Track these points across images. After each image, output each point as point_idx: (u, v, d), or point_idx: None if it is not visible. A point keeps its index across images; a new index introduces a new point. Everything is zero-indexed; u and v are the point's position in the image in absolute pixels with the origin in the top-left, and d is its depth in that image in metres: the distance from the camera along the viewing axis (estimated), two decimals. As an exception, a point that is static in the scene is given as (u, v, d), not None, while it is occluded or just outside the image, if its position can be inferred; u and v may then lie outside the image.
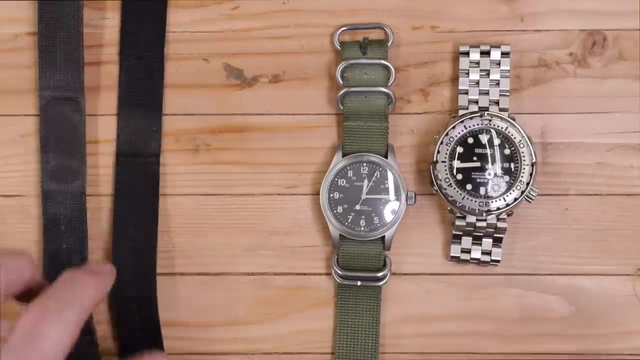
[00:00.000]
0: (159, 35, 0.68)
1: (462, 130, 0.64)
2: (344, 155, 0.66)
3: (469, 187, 0.64)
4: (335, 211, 0.66)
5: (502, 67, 0.66)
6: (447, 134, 0.64)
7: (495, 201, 0.64)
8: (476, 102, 0.66)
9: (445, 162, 0.64)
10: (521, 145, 0.64)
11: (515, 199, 0.64)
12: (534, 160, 0.64)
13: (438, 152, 0.64)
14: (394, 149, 0.67)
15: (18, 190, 0.68)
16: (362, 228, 0.66)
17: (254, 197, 0.68)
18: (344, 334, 0.67)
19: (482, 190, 0.64)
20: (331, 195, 0.66)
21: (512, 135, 0.64)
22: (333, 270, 0.67)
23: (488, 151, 0.64)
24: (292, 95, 0.68)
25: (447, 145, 0.64)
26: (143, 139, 0.68)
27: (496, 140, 0.64)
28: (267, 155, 0.68)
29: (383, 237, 0.66)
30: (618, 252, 0.67)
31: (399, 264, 0.68)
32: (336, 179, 0.66)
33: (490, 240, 0.66)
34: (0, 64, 0.68)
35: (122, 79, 0.68)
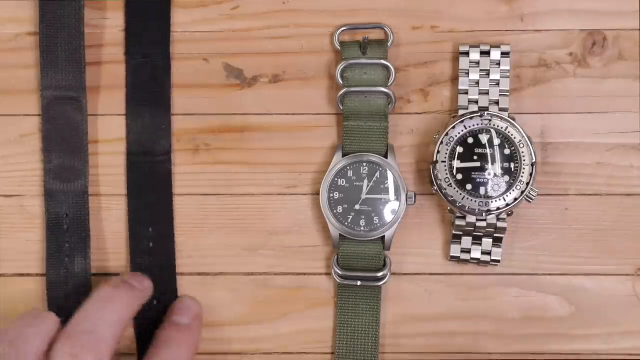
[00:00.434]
0: (164, 33, 0.68)
1: (462, 130, 0.64)
2: (344, 155, 0.66)
3: (469, 187, 0.64)
4: (335, 211, 0.66)
5: (502, 67, 0.66)
6: (447, 134, 0.64)
7: (495, 201, 0.64)
8: (476, 102, 0.66)
9: (445, 162, 0.64)
10: (521, 145, 0.64)
11: (515, 199, 0.64)
12: (534, 160, 0.64)
13: (438, 152, 0.64)
14: (394, 149, 0.67)
15: (18, 190, 0.68)
16: (362, 228, 0.66)
17: (254, 197, 0.68)
18: (344, 334, 0.67)
19: (482, 190, 0.64)
20: (331, 195, 0.66)
21: (512, 135, 0.64)
22: (333, 270, 0.67)
23: (488, 151, 0.64)
24: (292, 95, 0.68)
25: (447, 145, 0.64)
26: (152, 138, 0.67)
27: (496, 140, 0.64)
28: (267, 155, 0.68)
29: (383, 237, 0.66)
30: (618, 252, 0.67)
31: (399, 264, 0.68)
32: (336, 179, 0.66)
33: (490, 240, 0.66)
34: (1, 64, 0.68)
35: (129, 78, 0.68)
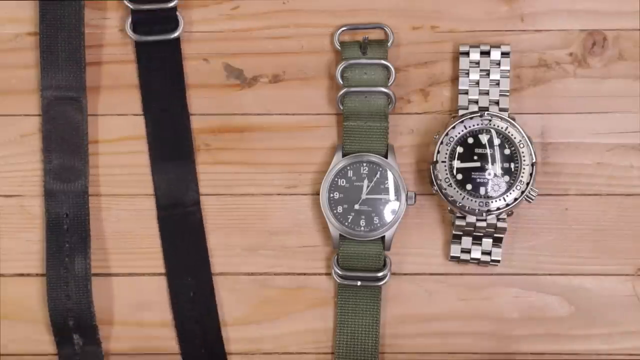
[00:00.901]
0: (179, 87, 0.68)
1: (462, 130, 0.64)
2: (344, 155, 0.66)
3: (469, 187, 0.64)
4: (335, 211, 0.66)
5: (502, 67, 0.66)
6: (447, 134, 0.64)
7: (495, 201, 0.64)
8: (476, 102, 0.66)
9: (445, 162, 0.64)
10: (521, 145, 0.64)
11: (515, 199, 0.64)
12: (534, 160, 0.64)
13: (438, 152, 0.64)
14: (394, 149, 0.67)
15: (18, 190, 0.68)
16: (362, 228, 0.66)
17: (254, 197, 0.68)
18: (344, 334, 0.67)
19: (482, 190, 0.64)
20: (331, 195, 0.66)
21: (512, 135, 0.64)
22: (333, 270, 0.67)
23: (488, 151, 0.64)
24: (292, 95, 0.68)
25: (447, 145, 0.64)
26: (181, 190, 0.67)
27: (496, 140, 0.64)
28: (267, 155, 0.68)
29: (383, 237, 0.66)
30: (618, 252, 0.67)
31: (399, 264, 0.68)
32: (336, 179, 0.66)
33: (490, 240, 0.66)
34: (1, 64, 0.68)
35: (149, 133, 0.68)
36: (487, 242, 0.66)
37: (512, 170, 0.64)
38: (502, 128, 0.64)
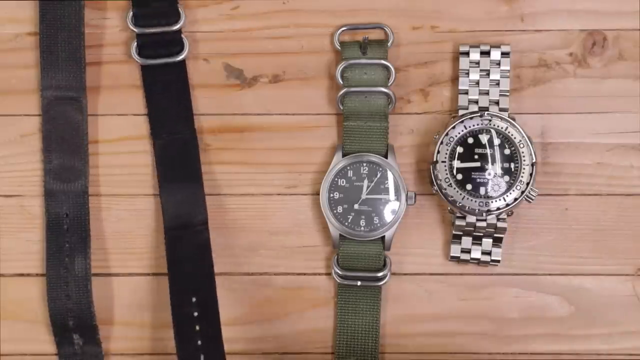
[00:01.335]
0: (186, 109, 0.68)
1: (462, 130, 0.64)
2: (344, 155, 0.66)
3: (469, 187, 0.64)
4: (335, 211, 0.66)
5: (502, 67, 0.66)
6: (447, 134, 0.64)
7: (495, 201, 0.64)
8: (476, 102, 0.66)
9: (445, 162, 0.64)
10: (521, 145, 0.64)
11: (515, 199, 0.64)
12: (534, 160, 0.64)
13: (438, 152, 0.64)
14: (394, 149, 0.67)
15: (18, 190, 0.68)
16: (362, 228, 0.66)
17: (254, 197, 0.68)
18: (344, 334, 0.67)
19: (482, 190, 0.64)
20: (331, 195, 0.66)
21: (512, 135, 0.64)
22: (333, 270, 0.67)
23: (488, 151, 0.64)
24: (292, 95, 0.68)
25: (447, 145, 0.64)
26: (189, 211, 0.67)
27: (496, 140, 0.64)
28: (267, 155, 0.68)
29: (383, 237, 0.66)
30: (618, 252, 0.67)
31: (399, 264, 0.68)
32: (336, 179, 0.66)
33: (490, 240, 0.66)
34: (1, 64, 0.68)
35: (158, 157, 0.68)
36: (487, 242, 0.66)
37: (512, 170, 0.64)
38: (502, 128, 0.64)
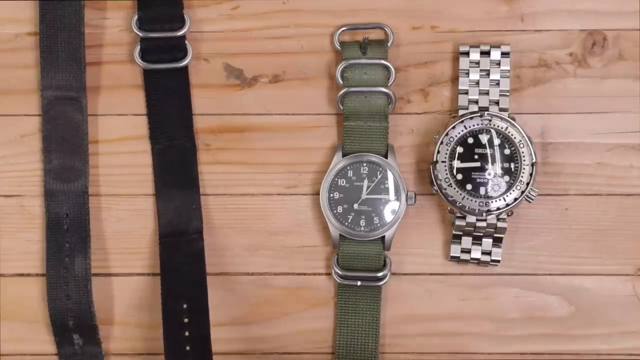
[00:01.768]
0: (186, 116, 0.68)
1: (462, 130, 0.64)
2: (344, 155, 0.66)
3: (469, 187, 0.64)
4: (335, 211, 0.66)
5: (502, 67, 0.66)
6: (447, 134, 0.64)
7: (495, 201, 0.64)
8: (476, 102, 0.66)
9: (445, 162, 0.64)
10: (521, 145, 0.64)
11: (515, 199, 0.64)
12: (534, 160, 0.64)
13: (438, 152, 0.64)
14: (394, 149, 0.67)
15: (18, 190, 0.68)
16: (362, 228, 0.66)
17: (254, 197, 0.68)
18: (344, 334, 0.67)
19: (482, 190, 0.64)
20: (331, 195, 0.66)
21: (512, 135, 0.64)
22: (333, 270, 0.67)
23: (488, 151, 0.64)
24: (292, 95, 0.68)
25: (447, 145, 0.64)
26: (184, 219, 0.67)
27: (496, 140, 0.64)
28: (267, 155, 0.68)
29: (383, 237, 0.66)
30: (618, 252, 0.67)
31: (399, 264, 0.68)
32: (336, 179, 0.66)
33: (490, 240, 0.66)
34: (1, 64, 0.68)
35: (156, 162, 0.68)
36: (487, 242, 0.66)
37: (512, 170, 0.64)
38: (502, 128, 0.64)
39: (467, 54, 0.66)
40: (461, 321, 0.68)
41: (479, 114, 0.64)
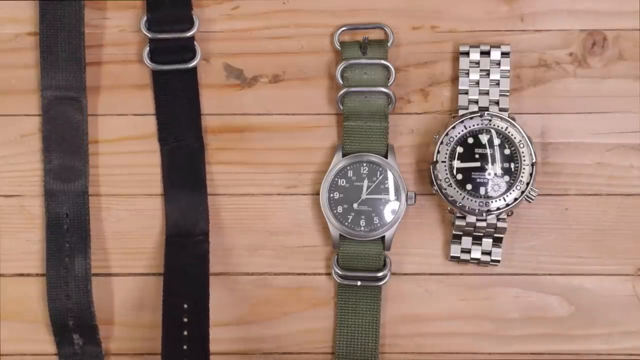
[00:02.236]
0: (195, 117, 0.68)
1: (462, 130, 0.64)
2: (344, 155, 0.66)
3: (469, 187, 0.64)
4: (335, 211, 0.66)
5: (502, 67, 0.66)
6: (447, 134, 0.64)
7: (495, 201, 0.64)
8: (476, 102, 0.66)
9: (445, 162, 0.64)
10: (521, 145, 0.64)
11: (515, 199, 0.64)
12: (534, 160, 0.64)
13: (438, 152, 0.64)
14: (394, 149, 0.67)
15: (18, 190, 0.68)
16: (362, 228, 0.66)
17: (254, 197, 0.68)
18: (344, 334, 0.67)
19: (482, 190, 0.64)
20: (331, 195, 0.66)
21: (512, 135, 0.64)
22: (333, 270, 0.67)
23: (488, 151, 0.64)
24: (292, 95, 0.68)
25: (447, 145, 0.64)
26: (191, 220, 0.67)
27: (496, 140, 0.64)
28: (267, 155, 0.68)
29: (383, 237, 0.66)
30: (618, 252, 0.67)
31: (399, 264, 0.68)
32: (336, 179, 0.66)
33: (490, 240, 0.66)
34: (1, 64, 0.68)
35: (164, 163, 0.68)
36: (487, 242, 0.66)
37: (512, 170, 0.64)
38: (502, 128, 0.64)
39: (467, 54, 0.66)
40: (461, 321, 0.68)
41: (479, 114, 0.64)
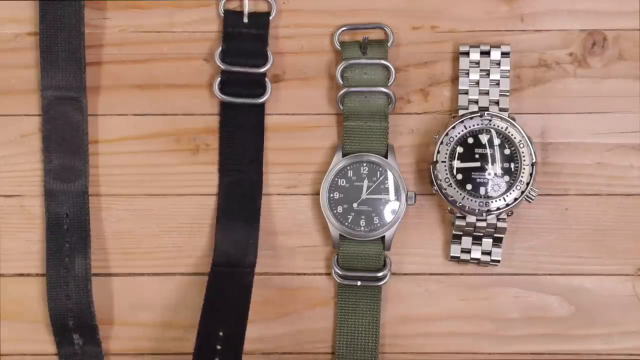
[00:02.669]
0: (259, 152, 0.68)
1: (462, 130, 0.64)
2: (344, 155, 0.66)
3: (469, 187, 0.64)
4: (335, 211, 0.66)
5: (502, 67, 0.66)
6: (447, 134, 0.64)
7: (495, 201, 0.64)
8: (476, 102, 0.66)
9: (445, 162, 0.64)
10: (521, 145, 0.64)
11: (515, 199, 0.64)
12: (534, 160, 0.64)
13: (438, 152, 0.64)
14: (394, 149, 0.67)
15: (18, 190, 0.68)
16: (362, 228, 0.66)
17: (254, 197, 0.68)
18: (344, 334, 0.67)
19: (482, 190, 0.64)
20: (331, 195, 0.66)
21: (512, 135, 0.64)
22: (333, 270, 0.67)
23: (488, 151, 0.64)
24: (292, 95, 0.68)
25: (447, 145, 0.64)
26: (241, 252, 0.67)
27: (496, 140, 0.64)
28: (266, 155, 0.68)
29: (383, 237, 0.66)
30: (618, 252, 0.67)
31: (399, 264, 0.68)
32: (336, 179, 0.66)
33: (490, 240, 0.66)
34: (1, 64, 0.68)
35: (222, 193, 0.68)
36: (487, 242, 0.66)
37: (512, 170, 0.64)
38: (502, 128, 0.64)
39: (467, 54, 0.66)
40: (461, 321, 0.68)
41: (479, 114, 0.64)
